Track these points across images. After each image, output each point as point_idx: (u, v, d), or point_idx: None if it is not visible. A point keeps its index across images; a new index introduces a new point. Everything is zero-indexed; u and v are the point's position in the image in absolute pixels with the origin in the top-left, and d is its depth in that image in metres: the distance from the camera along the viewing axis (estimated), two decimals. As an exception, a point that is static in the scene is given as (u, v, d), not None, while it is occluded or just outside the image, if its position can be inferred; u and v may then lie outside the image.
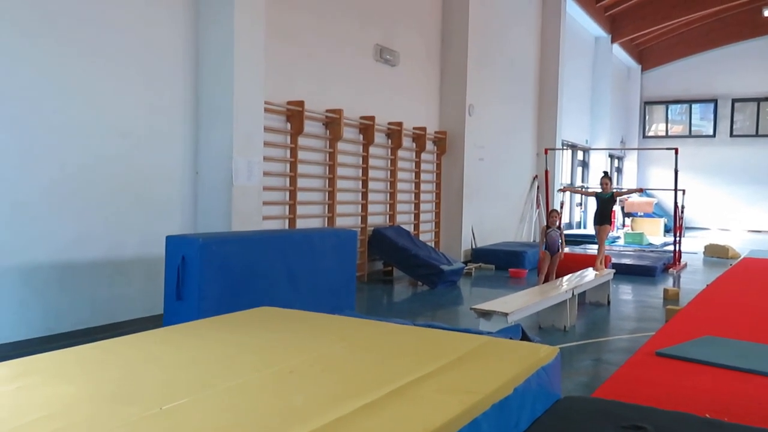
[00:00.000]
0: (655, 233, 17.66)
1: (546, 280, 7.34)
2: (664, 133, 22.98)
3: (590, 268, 7.73)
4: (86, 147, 5.31)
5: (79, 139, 5.26)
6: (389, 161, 9.53)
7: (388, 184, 9.54)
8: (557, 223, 7.71)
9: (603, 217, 7.91)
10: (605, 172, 8.21)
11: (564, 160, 16.57)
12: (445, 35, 10.86)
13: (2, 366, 2.63)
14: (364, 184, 8.92)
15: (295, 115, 7.44)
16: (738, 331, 4.89)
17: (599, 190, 8.00)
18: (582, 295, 7.11)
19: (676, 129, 22.89)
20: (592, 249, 13.30)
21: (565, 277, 7.04)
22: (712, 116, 22.09)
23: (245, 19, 6.22)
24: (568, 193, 15.90)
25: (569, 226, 17.44)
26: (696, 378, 3.66)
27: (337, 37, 8.31)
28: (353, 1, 8.63)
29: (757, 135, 21.43)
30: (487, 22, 11.76)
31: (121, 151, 5.59)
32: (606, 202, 7.85)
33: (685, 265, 11.64)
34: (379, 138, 9.21)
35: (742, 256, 11.92)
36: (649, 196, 21.07)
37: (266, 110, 6.77)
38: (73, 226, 5.23)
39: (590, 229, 17.19)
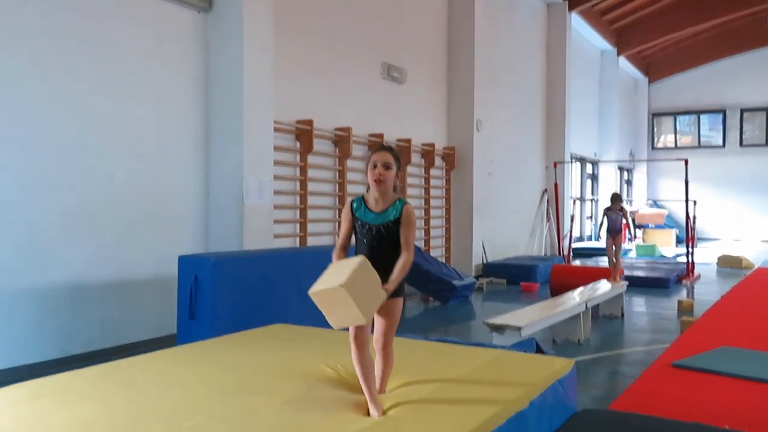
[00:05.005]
0: (667, 244, 17.55)
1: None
2: (673, 145, 22.90)
3: (603, 280, 7.70)
4: (99, 170, 5.37)
5: (92, 162, 5.31)
6: (398, 177, 9.53)
7: (398, 200, 9.53)
8: (620, 207, 8.02)
9: None
10: None
11: (573, 173, 16.55)
12: (451, 51, 10.92)
13: (19, 387, 2.65)
14: (374, 200, 8.91)
15: (304, 133, 7.49)
16: (754, 341, 4.85)
17: None
18: (595, 308, 7.07)
19: (685, 140, 22.81)
20: (604, 261, 13.24)
21: (578, 290, 7.00)
22: (721, 126, 22.01)
23: (254, 43, 6.28)
24: (577, 206, 15.85)
25: (580, 238, 17.37)
26: (713, 389, 3.62)
27: (344, 57, 8.38)
28: (360, 20, 8.71)
29: (767, 144, 21.33)
30: (492, 37, 11.83)
31: (133, 174, 5.65)
32: None
33: (699, 276, 11.56)
34: (388, 155, 9.22)
35: (756, 266, 11.83)
36: (659, 207, 20.97)
37: (275, 129, 6.82)
38: (86, 247, 5.27)
39: (602, 242, 17.12)
